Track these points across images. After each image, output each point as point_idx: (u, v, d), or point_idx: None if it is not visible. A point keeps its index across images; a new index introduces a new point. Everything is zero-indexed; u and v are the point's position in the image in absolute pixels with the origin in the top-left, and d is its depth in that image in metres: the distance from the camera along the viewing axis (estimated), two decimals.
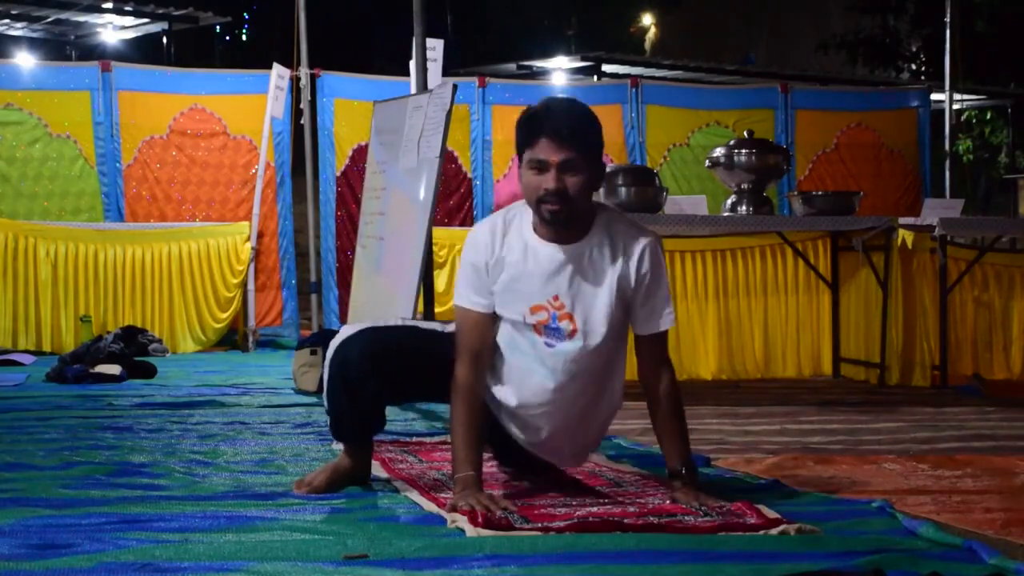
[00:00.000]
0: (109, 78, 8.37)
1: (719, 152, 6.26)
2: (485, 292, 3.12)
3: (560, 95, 3.13)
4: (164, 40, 12.48)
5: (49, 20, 11.97)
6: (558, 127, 2.99)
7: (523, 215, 3.14)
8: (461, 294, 3.16)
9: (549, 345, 3.10)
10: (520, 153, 3.06)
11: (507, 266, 3.10)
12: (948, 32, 10.73)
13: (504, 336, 3.15)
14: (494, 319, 3.14)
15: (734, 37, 24.73)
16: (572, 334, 3.09)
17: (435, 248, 7.66)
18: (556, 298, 3.09)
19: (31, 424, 4.56)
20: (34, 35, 12.88)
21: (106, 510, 2.95)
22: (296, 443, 4.16)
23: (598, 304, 3.09)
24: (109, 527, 2.77)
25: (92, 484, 3.32)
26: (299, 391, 5.74)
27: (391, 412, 5.00)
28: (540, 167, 3.00)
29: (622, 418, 3.79)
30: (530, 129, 3.03)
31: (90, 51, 13.13)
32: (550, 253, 3.08)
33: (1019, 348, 6.43)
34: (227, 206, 8.66)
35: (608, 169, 5.94)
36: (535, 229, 3.11)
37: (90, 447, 4.00)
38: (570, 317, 3.09)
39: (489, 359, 3.15)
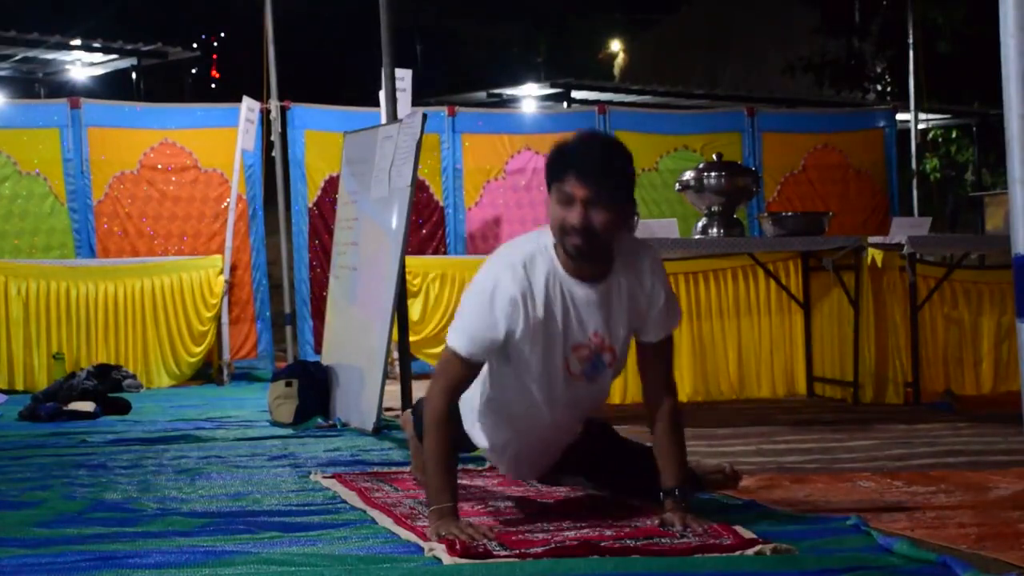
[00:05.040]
0: (78, 115, 8.34)
1: (689, 175, 6.31)
2: (487, 342, 3.04)
3: (593, 132, 3.14)
4: (133, 76, 12.44)
5: (17, 58, 11.91)
6: (587, 163, 2.96)
7: (544, 253, 3.07)
8: (462, 341, 3.04)
9: (590, 379, 3.15)
10: (549, 184, 3.03)
11: (539, 306, 3.03)
12: (912, 53, 10.86)
13: (506, 379, 3.15)
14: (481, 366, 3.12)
15: (701, 61, 24.87)
16: (611, 364, 3.17)
17: (408, 277, 7.64)
18: (596, 333, 3.11)
19: (4, 463, 4.53)
20: (2, 73, 12.78)
21: (81, 548, 2.92)
22: (272, 475, 4.14)
23: (623, 329, 3.15)
24: (85, 564, 2.75)
25: (67, 522, 3.30)
26: (275, 423, 5.72)
27: (367, 442, 5.00)
28: (567, 201, 2.98)
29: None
30: (560, 162, 3.00)
31: (59, 88, 13.07)
32: (585, 295, 3.08)
33: (989, 364, 6.47)
34: (199, 240, 8.64)
35: None
36: (564, 267, 3.06)
37: (64, 484, 3.97)
38: (612, 350, 3.14)
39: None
